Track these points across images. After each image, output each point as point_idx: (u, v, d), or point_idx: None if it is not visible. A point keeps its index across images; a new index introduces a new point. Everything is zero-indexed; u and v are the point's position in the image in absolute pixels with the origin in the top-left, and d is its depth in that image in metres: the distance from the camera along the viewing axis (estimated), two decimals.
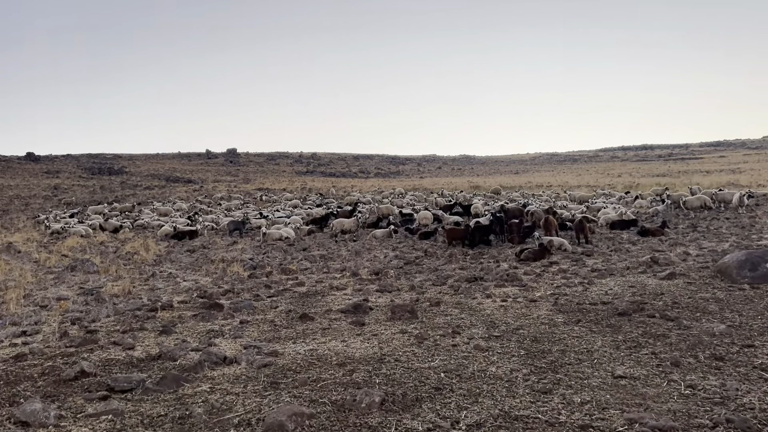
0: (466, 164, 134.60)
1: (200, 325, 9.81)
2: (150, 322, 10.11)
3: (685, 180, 56.83)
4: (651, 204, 28.53)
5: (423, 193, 48.64)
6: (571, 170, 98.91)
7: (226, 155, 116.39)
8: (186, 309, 11.19)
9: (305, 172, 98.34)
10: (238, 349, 8.23)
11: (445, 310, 10.43)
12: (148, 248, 20.63)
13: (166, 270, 16.65)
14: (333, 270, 15.51)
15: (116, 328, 9.70)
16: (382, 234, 21.50)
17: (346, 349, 8.05)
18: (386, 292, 12.43)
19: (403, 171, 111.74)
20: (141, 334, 9.28)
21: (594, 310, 9.96)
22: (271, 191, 55.37)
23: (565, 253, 15.96)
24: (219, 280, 14.52)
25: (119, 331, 9.40)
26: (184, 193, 56.87)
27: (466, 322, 9.52)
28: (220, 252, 19.53)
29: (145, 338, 9.00)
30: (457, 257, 16.35)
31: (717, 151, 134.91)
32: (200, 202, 45.60)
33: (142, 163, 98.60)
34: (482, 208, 26.45)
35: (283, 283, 13.98)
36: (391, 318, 9.91)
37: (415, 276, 14.15)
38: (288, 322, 9.91)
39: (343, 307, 10.83)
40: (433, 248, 18.39)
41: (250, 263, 16.63)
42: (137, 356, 7.88)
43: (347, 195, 48.11)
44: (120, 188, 65.64)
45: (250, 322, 10.02)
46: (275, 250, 19.52)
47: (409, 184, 64.49)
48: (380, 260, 16.55)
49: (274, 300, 11.90)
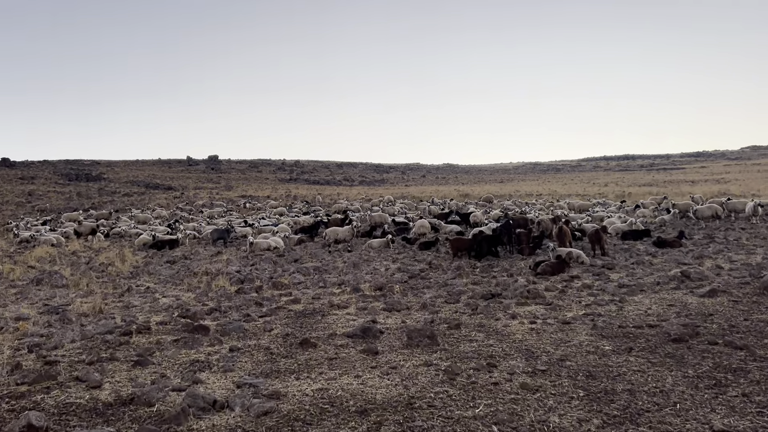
0: (450, 173, 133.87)
1: (182, 354, 8.27)
2: (123, 350, 8.55)
3: (674, 189, 56.25)
4: (654, 213, 27.41)
5: (412, 201, 47.28)
6: (555, 179, 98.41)
7: (208, 162, 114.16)
8: (165, 332, 9.63)
9: (289, 180, 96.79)
10: (229, 387, 6.72)
11: (468, 335, 9.00)
12: (124, 259, 18.96)
13: (143, 284, 15.03)
14: (330, 284, 14.02)
15: (81, 357, 8.13)
16: (378, 244, 20.04)
17: (364, 388, 6.58)
18: (395, 311, 10.98)
19: (388, 179, 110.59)
20: (111, 365, 7.72)
21: (642, 335, 8.60)
22: (255, 198, 53.65)
23: (583, 266, 14.63)
24: (203, 296, 12.96)
25: (85, 362, 7.83)
26: (164, 200, 54.94)
27: (498, 350, 8.10)
28: (203, 263, 17.93)
29: (116, 372, 7.44)
30: (465, 270, 14.94)
31: (698, 162, 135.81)
32: (181, 210, 43.79)
33: (121, 170, 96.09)
34: (482, 216, 25.10)
35: (276, 299, 12.46)
36: (407, 345, 8.46)
37: (423, 292, 12.71)
38: (287, 350, 8.41)
39: (350, 330, 9.35)
40: (437, 260, 16.96)
41: (237, 276, 15.08)
42: (104, 399, 6.33)
43: (334, 203, 46.62)
44: (98, 195, 63.57)
45: (242, 349, 8.50)
46: (264, 262, 17.96)
47: (396, 192, 63.10)
48: (381, 273, 15.08)
49: (267, 321, 10.38)
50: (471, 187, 76.05)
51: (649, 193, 52.85)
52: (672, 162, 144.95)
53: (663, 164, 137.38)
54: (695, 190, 49.16)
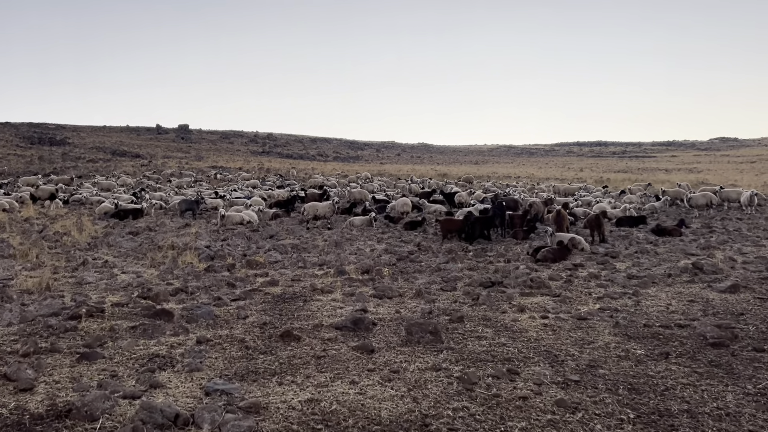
0: (425, 152, 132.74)
1: (140, 345, 6.93)
2: (68, 338, 7.16)
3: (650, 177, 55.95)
4: (642, 200, 26.61)
5: (390, 178, 45.99)
6: (530, 163, 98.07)
7: (178, 131, 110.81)
8: (122, 316, 8.25)
9: (261, 152, 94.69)
10: (196, 395, 5.42)
11: (474, 330, 7.83)
12: (82, 228, 17.34)
13: (101, 257, 13.52)
14: (310, 264, 12.72)
15: (15, 346, 6.72)
16: (360, 222, 18.74)
17: (364, 400, 5.34)
18: (386, 298, 9.75)
19: (362, 156, 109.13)
20: (51, 359, 6.35)
21: (673, 337, 7.51)
22: (227, 170, 51.75)
23: (584, 253, 13.58)
24: (167, 274, 11.55)
25: (18, 354, 6.43)
26: (131, 168, 52.68)
27: (513, 351, 6.93)
28: (169, 236, 16.43)
29: (56, 368, 6.08)
30: (458, 254, 13.76)
31: (668, 151, 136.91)
32: (148, 178, 41.82)
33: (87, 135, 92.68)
34: (467, 197, 23.93)
35: (251, 280, 11.12)
36: (407, 341, 7.25)
37: (415, 276, 11.50)
38: (265, 344, 7.12)
39: (338, 321, 8.09)
40: (425, 241, 15.73)
41: (206, 252, 13.67)
42: (33, 408, 4.98)
43: (309, 177, 45.05)
44: (61, 160, 60.91)
45: (212, 341, 7.19)
46: (236, 237, 16.53)
47: (372, 169, 61.58)
48: (367, 254, 13.81)
49: (241, 306, 9.05)
50: (448, 167, 75.03)
51: (627, 179, 52.47)
52: (643, 150, 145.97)
53: (635, 152, 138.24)
54: (670, 179, 48.84)
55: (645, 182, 36.77)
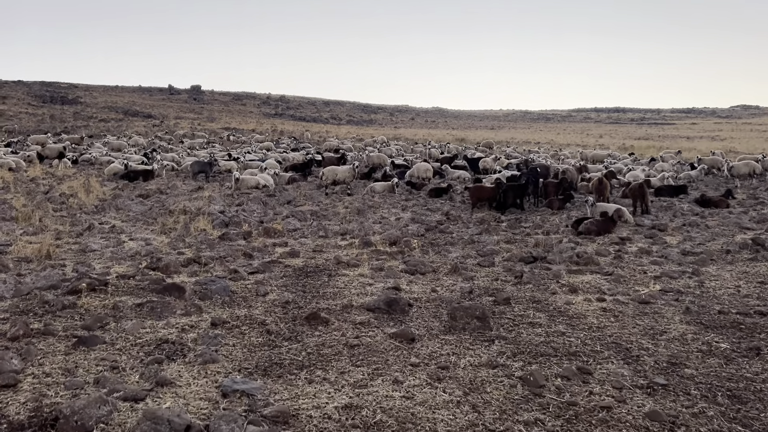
0: (440, 117, 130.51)
1: (146, 328, 6.04)
2: (65, 317, 6.29)
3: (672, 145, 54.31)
4: (674, 168, 25.32)
5: (406, 143, 44.74)
6: (547, 128, 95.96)
7: (190, 92, 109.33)
8: (127, 291, 7.36)
9: (274, 115, 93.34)
10: (211, 396, 4.52)
11: (525, 314, 6.88)
12: (90, 189, 16.46)
13: (108, 221, 12.65)
14: (332, 233, 11.78)
15: (4, 327, 5.85)
16: (382, 188, 17.71)
17: (413, 407, 4.42)
18: (418, 273, 8.80)
19: (376, 120, 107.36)
20: (43, 344, 5.48)
21: (757, 327, 6.51)
22: (239, 131, 50.67)
23: (628, 225, 12.53)
24: (179, 242, 10.65)
25: (6, 337, 5.56)
26: (143, 128, 51.76)
27: (575, 342, 5.98)
28: (181, 200, 15.52)
29: (47, 356, 5.20)
30: (490, 224, 12.75)
31: (688, 118, 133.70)
32: (160, 139, 40.89)
33: (99, 95, 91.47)
34: (492, 163, 22.77)
35: (269, 250, 10.20)
36: (451, 328, 6.31)
37: (447, 249, 10.53)
38: (289, 327, 6.21)
39: (369, 301, 7.16)
40: (454, 210, 14.72)
41: (220, 218, 12.75)
42: (13, 415, 4.09)
43: (324, 141, 43.90)
44: (72, 119, 60.18)
45: (228, 323, 6.29)
46: (252, 202, 15.59)
47: (387, 133, 60.26)
48: (392, 224, 12.84)
49: (259, 280, 8.15)
50: (464, 132, 73.54)
51: (652, 147, 51.00)
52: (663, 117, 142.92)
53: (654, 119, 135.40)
54: (693, 146, 47.28)
55: (673, 149, 35.27)
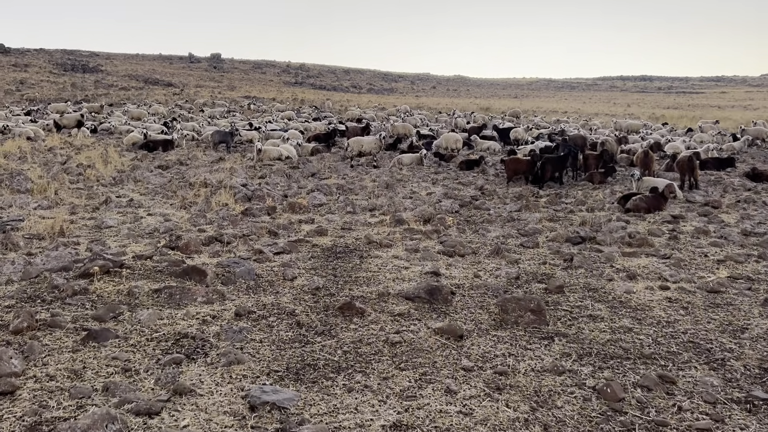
0: (462, 85, 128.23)
1: (164, 319, 5.43)
2: (75, 305, 5.70)
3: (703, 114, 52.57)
4: (714, 139, 24.15)
5: (430, 112, 43.70)
6: (572, 97, 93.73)
7: (210, 60, 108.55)
8: (144, 274, 6.76)
9: (294, 83, 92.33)
10: (236, 410, 3.88)
11: (583, 305, 6.16)
12: (108, 160, 15.90)
13: (126, 194, 12.08)
14: (360, 209, 11.09)
15: (7, 317, 5.28)
16: (410, 160, 16.93)
17: (472, 425, 3.75)
18: (457, 255, 8.09)
19: (397, 88, 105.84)
20: (48, 338, 4.89)
21: None
22: (260, 100, 49.89)
23: (678, 202, 11.67)
24: (199, 218, 10.03)
25: (9, 329, 4.98)
26: (163, 96, 51.32)
27: (646, 339, 5.27)
28: (201, 171, 14.90)
29: (52, 353, 4.61)
30: (529, 200, 11.95)
31: (718, 87, 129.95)
32: (180, 107, 40.28)
33: (120, 63, 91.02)
34: (524, 133, 21.82)
35: (295, 227, 9.55)
36: (502, 322, 5.62)
37: (485, 228, 9.78)
38: (321, 319, 5.57)
39: (408, 288, 6.48)
40: (488, 184, 13.93)
41: (242, 191, 12.11)
42: None
43: (346, 110, 42.99)
44: (93, 87, 60.04)
45: (254, 313, 5.66)
46: (275, 174, 14.91)
47: (409, 102, 59.07)
48: (423, 199, 12.10)
49: (286, 262, 7.50)
50: (488, 101, 71.92)
51: (684, 116, 49.44)
52: (691, 85, 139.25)
53: (682, 87, 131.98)
54: (726, 116, 45.59)
55: (709, 119, 33.86)
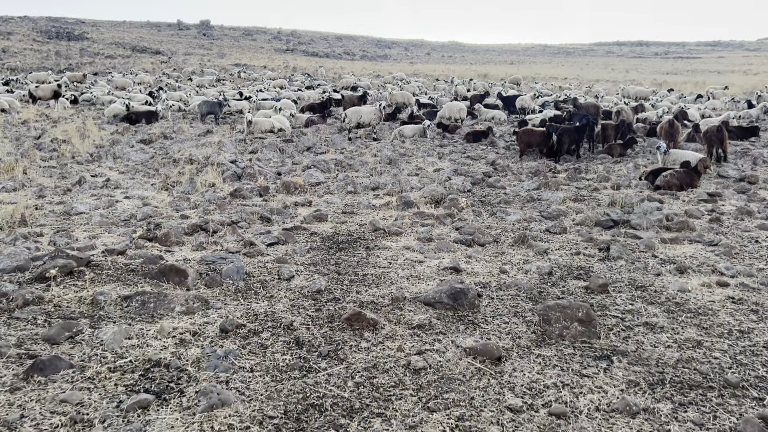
0: (457, 51, 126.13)
1: (132, 338, 4.41)
2: (24, 320, 4.66)
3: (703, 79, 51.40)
4: (726, 106, 23.07)
5: (427, 79, 42.30)
6: (569, 63, 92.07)
7: (199, 27, 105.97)
8: (113, 275, 5.72)
9: (285, 50, 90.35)
10: None
11: (635, 309, 5.19)
12: (86, 134, 14.71)
13: (102, 173, 10.97)
14: (362, 188, 10.04)
15: None
16: (412, 132, 15.79)
17: None
18: (476, 244, 7.08)
19: (390, 55, 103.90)
20: None
21: None
22: (250, 68, 48.29)
23: (710, 177, 10.66)
24: (183, 201, 8.96)
25: None
26: (150, 65, 49.59)
27: (723, 358, 4.31)
28: (187, 146, 13.74)
29: None
30: (546, 176, 10.92)
31: (715, 51, 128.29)
32: (168, 76, 38.79)
33: (106, 31, 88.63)
34: (531, 101, 20.65)
35: (290, 212, 8.50)
36: (545, 335, 4.64)
37: (504, 210, 8.75)
38: (326, 336, 4.57)
39: (426, 290, 5.48)
40: (500, 158, 12.85)
41: (232, 169, 11.02)
42: None
43: (339, 77, 41.55)
44: (78, 55, 58.32)
45: (243, 328, 4.64)
46: (267, 149, 13.77)
47: (404, 69, 57.49)
48: (431, 176, 11.03)
49: (281, 257, 6.47)
50: (485, 67, 70.38)
51: (687, 82, 48.30)
52: (688, 51, 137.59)
53: (678, 52, 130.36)
54: (725, 81, 44.42)
55: (717, 85, 32.71)
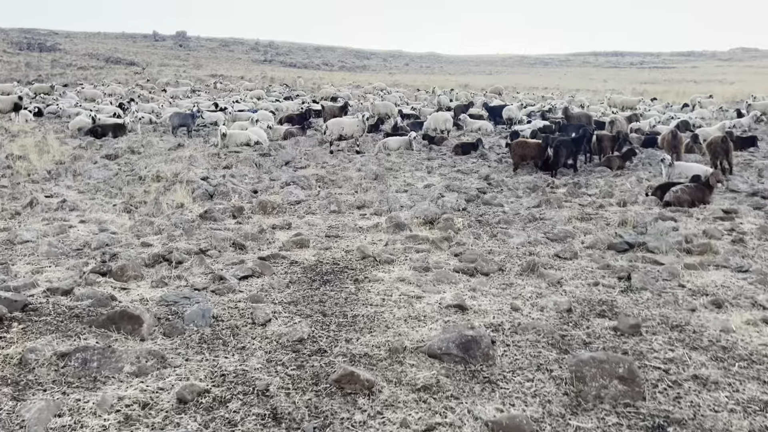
0: (435, 62, 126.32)
1: (63, 415, 3.44)
2: None
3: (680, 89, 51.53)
4: (715, 115, 22.64)
5: (407, 89, 41.61)
6: (547, 73, 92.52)
7: (175, 38, 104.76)
8: (51, 325, 4.74)
9: (263, 61, 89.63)
10: None
11: (678, 358, 4.35)
12: (46, 149, 13.63)
13: (58, 193, 9.93)
14: (347, 207, 9.14)
15: None
16: (397, 144, 14.94)
17: None
18: (480, 274, 6.22)
19: (369, 66, 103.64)
20: None
21: None
22: (227, 78, 47.27)
23: (721, 192, 9.95)
24: (145, 225, 7.97)
25: None
26: (124, 76, 48.34)
27: None
28: (155, 161, 12.73)
29: None
30: (544, 191, 10.12)
31: (689, 61, 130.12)
32: (141, 87, 37.64)
33: (80, 42, 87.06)
34: (518, 111, 19.94)
35: (267, 236, 7.56)
36: (579, 397, 3.78)
37: (505, 231, 7.90)
38: (309, 406, 3.64)
39: (429, 338, 4.59)
40: (494, 172, 12.03)
41: (203, 187, 10.06)
42: None
43: (319, 88, 40.70)
44: (50, 67, 56.98)
45: (206, 396, 3.70)
46: (242, 164, 12.80)
47: (384, 80, 56.83)
48: (421, 192, 10.16)
49: (255, 294, 5.54)
50: (464, 78, 70.23)
51: (666, 91, 48.40)
52: (662, 60, 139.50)
53: (654, 62, 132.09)
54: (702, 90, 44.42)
55: (702, 93, 32.44)
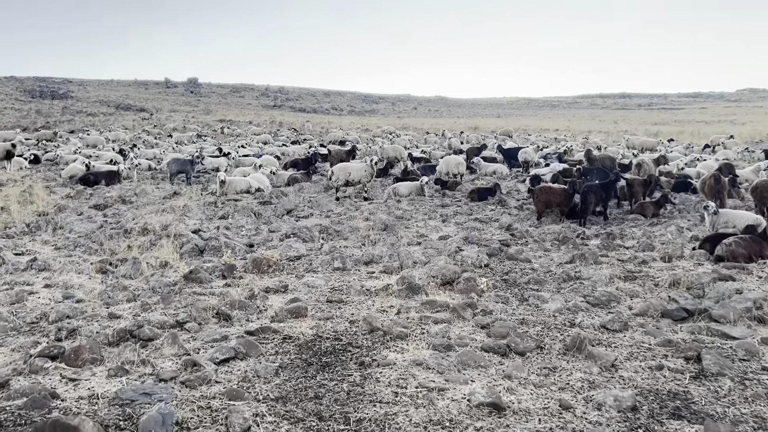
0: (443, 106, 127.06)
1: None
2: None
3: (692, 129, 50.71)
4: (740, 156, 21.59)
5: (416, 132, 40.92)
6: (555, 115, 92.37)
7: (187, 85, 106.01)
8: None
9: (273, 106, 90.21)
10: None
11: None
12: (29, 200, 12.70)
13: (31, 250, 8.90)
14: (352, 263, 8.04)
15: None
16: (408, 190, 13.93)
17: None
18: (514, 353, 5.07)
19: (378, 110, 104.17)
20: None
21: None
22: (235, 123, 46.88)
23: None
24: (118, 290, 6.89)
25: None
26: (132, 122, 48.07)
27: None
28: (145, 212, 11.74)
29: None
30: (575, 243, 9.00)
31: (696, 102, 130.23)
32: (148, 132, 37.09)
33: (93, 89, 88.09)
34: (534, 154, 18.95)
35: (258, 303, 6.45)
36: None
37: (537, 294, 6.75)
38: None
39: None
40: (516, 221, 10.95)
41: (193, 241, 9.01)
42: None
43: (327, 132, 40.07)
44: (60, 113, 57.21)
45: None
46: (240, 213, 11.78)
47: (392, 123, 56.43)
48: (436, 245, 9.05)
49: (234, 388, 4.41)
50: (473, 120, 69.80)
51: (681, 132, 47.61)
52: (670, 102, 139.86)
53: (661, 104, 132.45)
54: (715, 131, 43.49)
55: (722, 134, 31.43)
